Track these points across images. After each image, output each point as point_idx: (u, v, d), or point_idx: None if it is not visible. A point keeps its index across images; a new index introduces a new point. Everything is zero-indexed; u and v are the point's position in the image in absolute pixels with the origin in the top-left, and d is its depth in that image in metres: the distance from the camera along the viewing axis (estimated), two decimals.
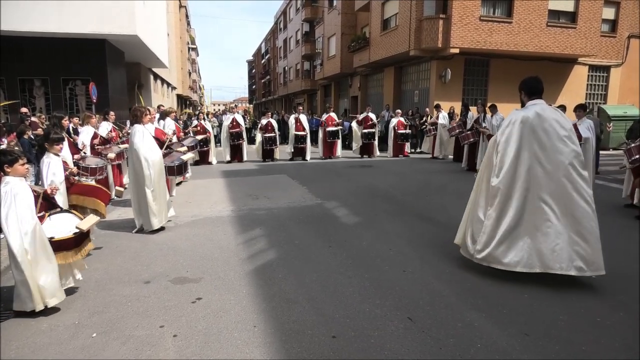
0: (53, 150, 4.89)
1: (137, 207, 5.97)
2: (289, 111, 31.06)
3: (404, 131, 15.24)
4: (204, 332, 3.28)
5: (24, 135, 8.14)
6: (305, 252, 5.11)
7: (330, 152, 14.90)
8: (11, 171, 3.61)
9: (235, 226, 6.28)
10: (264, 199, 8.15)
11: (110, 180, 8.30)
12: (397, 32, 19.19)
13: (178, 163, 6.73)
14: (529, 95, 4.25)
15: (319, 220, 6.54)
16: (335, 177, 10.74)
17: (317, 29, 32.38)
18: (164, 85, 30.57)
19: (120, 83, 17.07)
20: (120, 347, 3.09)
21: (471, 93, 18.78)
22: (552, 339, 3.11)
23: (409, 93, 20.87)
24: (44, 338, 3.24)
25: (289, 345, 3.06)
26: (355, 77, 26.61)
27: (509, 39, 17.34)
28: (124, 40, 15.10)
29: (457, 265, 4.49)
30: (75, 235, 3.94)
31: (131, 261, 4.87)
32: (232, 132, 13.96)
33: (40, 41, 13.53)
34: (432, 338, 3.12)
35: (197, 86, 64.99)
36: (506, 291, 3.89)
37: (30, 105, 14.02)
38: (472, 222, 4.38)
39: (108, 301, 3.84)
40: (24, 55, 13.79)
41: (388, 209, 7.25)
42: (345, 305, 3.67)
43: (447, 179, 10.42)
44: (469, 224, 4.43)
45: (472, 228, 4.37)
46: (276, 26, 50.80)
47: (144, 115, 6.06)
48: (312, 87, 36.19)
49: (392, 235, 5.71)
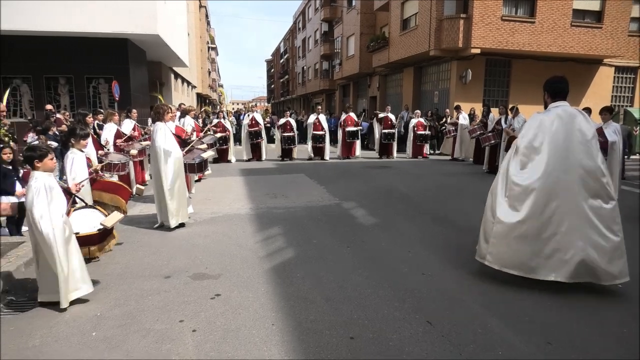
0: (78, 145, 4.99)
1: (158, 203, 6.05)
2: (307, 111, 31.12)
3: (423, 132, 15.12)
4: (222, 328, 3.30)
5: (48, 131, 8.34)
6: (323, 251, 5.11)
7: (348, 152, 14.87)
8: (41, 166, 3.69)
9: (254, 224, 6.31)
10: (282, 197, 8.18)
11: (132, 176, 8.45)
12: (417, 32, 19.04)
13: (198, 161, 6.79)
14: (552, 96, 4.14)
15: (336, 220, 6.53)
16: (353, 178, 10.71)
17: (336, 28, 32.34)
18: (184, 84, 30.96)
19: (141, 81, 17.34)
20: (140, 340, 3.13)
21: (492, 94, 18.52)
22: (576, 348, 3.03)
23: (429, 94, 20.69)
24: (66, 328, 3.31)
25: (307, 345, 3.06)
26: (374, 77, 26.50)
27: (532, 39, 17.03)
28: (146, 40, 15.34)
29: (478, 269, 4.41)
30: (99, 231, 4.02)
31: (152, 256, 4.93)
32: (251, 130, 14.05)
33: (65, 40, 13.84)
34: (451, 343, 3.08)
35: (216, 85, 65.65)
36: (528, 298, 3.81)
37: (55, 102, 14.34)
38: (484, 223, 4.28)
39: (129, 294, 3.90)
40: (49, 54, 14.11)
41: (406, 210, 7.19)
42: (364, 307, 3.65)
43: (467, 181, 10.29)
44: (483, 222, 4.32)
45: (484, 228, 4.26)
46: (295, 26, 50.93)
47: (166, 113, 6.14)
48: (330, 87, 36.17)
49: (410, 238, 5.66)
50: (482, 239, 4.29)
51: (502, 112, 11.61)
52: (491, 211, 4.20)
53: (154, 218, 6.28)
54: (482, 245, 4.30)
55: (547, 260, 3.84)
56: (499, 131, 11.32)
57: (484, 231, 4.30)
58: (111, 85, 13.87)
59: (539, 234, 3.86)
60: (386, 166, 12.95)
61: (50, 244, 3.51)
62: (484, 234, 4.27)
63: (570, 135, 3.85)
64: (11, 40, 13.49)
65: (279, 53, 67.12)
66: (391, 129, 14.92)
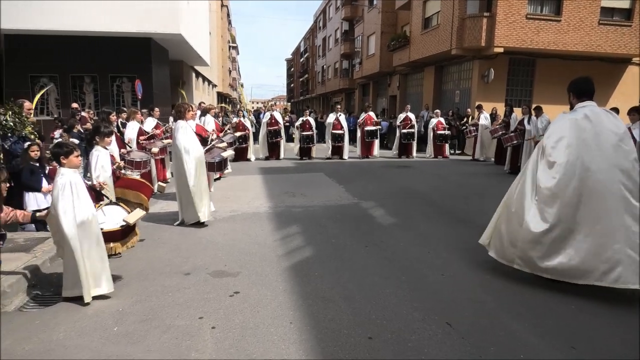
0: (103, 143, 5.09)
1: (179, 200, 6.14)
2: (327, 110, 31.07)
3: (443, 132, 14.96)
4: (241, 325, 3.32)
5: (73, 129, 8.53)
6: (341, 251, 5.10)
7: (368, 152, 14.82)
8: (66, 162, 3.78)
9: (273, 222, 6.34)
10: (300, 196, 8.19)
11: (154, 174, 8.59)
12: (439, 30, 18.82)
13: (218, 159, 6.86)
14: (578, 96, 4.04)
15: (355, 220, 6.50)
16: (372, 177, 10.66)
17: (357, 27, 32.22)
18: (204, 83, 31.31)
19: (164, 80, 17.60)
20: (160, 335, 3.18)
21: (515, 94, 18.16)
22: (602, 354, 2.95)
23: (450, 93, 20.44)
24: (89, 323, 3.38)
25: (325, 344, 3.05)
26: (394, 76, 26.31)
27: (557, 38, 16.63)
28: (168, 39, 15.56)
29: (498, 271, 4.33)
30: (122, 227, 4.10)
31: (172, 253, 5.00)
32: (270, 129, 14.12)
33: (90, 40, 14.15)
34: (472, 345, 3.03)
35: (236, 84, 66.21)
36: (551, 301, 3.73)
37: (80, 101, 14.68)
38: (509, 225, 4.17)
39: (150, 291, 3.96)
40: (75, 53, 14.44)
41: (426, 211, 7.12)
42: (382, 307, 3.62)
43: (487, 182, 10.13)
44: (506, 226, 4.21)
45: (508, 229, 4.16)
46: (315, 25, 50.95)
47: (187, 112, 6.21)
48: (350, 86, 36.08)
49: (429, 238, 5.60)
50: (507, 242, 4.16)
51: (526, 112, 11.39)
52: (516, 213, 4.08)
53: (174, 215, 6.37)
54: (507, 247, 4.18)
55: (582, 264, 3.71)
56: (522, 131, 11.12)
57: (508, 233, 4.17)
58: (134, 84, 14.12)
59: (571, 237, 3.74)
60: (406, 166, 12.85)
61: (72, 240, 3.59)
62: (509, 237, 4.14)
63: (600, 135, 3.73)
64: (38, 40, 13.87)
65: (299, 52, 67.32)
66: (411, 129, 14.80)
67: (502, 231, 4.27)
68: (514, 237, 4.10)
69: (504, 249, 4.24)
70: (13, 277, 3.99)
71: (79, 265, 3.61)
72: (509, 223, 4.20)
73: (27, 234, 5.49)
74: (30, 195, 5.52)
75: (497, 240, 4.35)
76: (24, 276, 4.07)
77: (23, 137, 5.83)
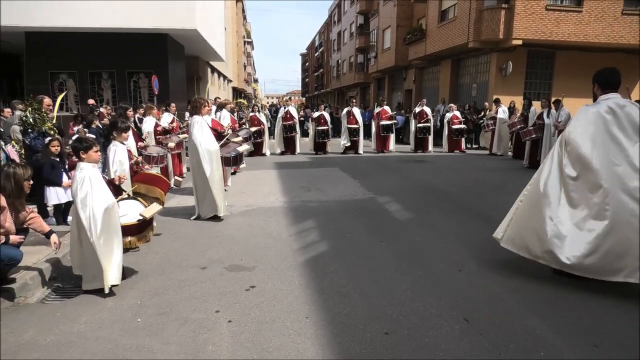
0: (120, 138, 5.15)
1: (196, 195, 6.18)
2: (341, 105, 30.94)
3: (459, 126, 14.78)
4: (257, 319, 3.33)
5: (91, 124, 8.65)
6: (357, 245, 5.08)
7: (383, 146, 14.73)
8: (86, 157, 3.84)
9: (288, 217, 6.35)
10: (315, 191, 8.18)
11: (170, 168, 8.67)
12: (456, 23, 18.54)
13: (234, 154, 6.88)
14: (602, 88, 3.92)
15: (370, 215, 6.47)
16: (387, 172, 10.59)
17: (372, 21, 31.96)
18: (220, 78, 31.46)
19: (180, 76, 17.74)
20: (178, 328, 3.21)
21: (534, 87, 17.83)
22: (626, 353, 2.87)
23: (466, 87, 20.16)
24: (109, 315, 3.43)
25: (341, 339, 3.04)
26: (409, 70, 26.06)
27: (578, 30, 16.23)
28: (184, 35, 15.65)
29: (516, 267, 4.26)
30: (139, 222, 4.14)
31: (188, 247, 5.05)
32: (285, 124, 14.12)
33: (108, 36, 14.31)
34: (490, 342, 2.98)
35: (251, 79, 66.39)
36: (572, 298, 3.65)
37: (98, 96, 14.90)
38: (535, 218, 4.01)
39: (167, 284, 4.00)
40: (93, 50, 14.63)
41: (442, 205, 7.05)
42: (398, 302, 3.60)
43: (505, 176, 9.97)
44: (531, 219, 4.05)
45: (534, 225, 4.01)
46: (330, 19, 50.73)
47: (203, 107, 6.24)
48: (365, 80, 35.87)
49: (446, 233, 5.54)
50: (533, 236, 3.98)
51: (545, 106, 11.15)
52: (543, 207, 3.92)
53: (191, 210, 6.43)
54: (532, 242, 3.99)
55: (617, 259, 3.57)
56: (541, 125, 10.90)
57: (534, 227, 3.98)
58: (151, 80, 14.26)
59: (600, 233, 3.63)
60: (421, 160, 12.74)
61: (91, 232, 3.65)
62: (536, 231, 3.95)
63: (626, 126, 3.62)
64: (58, 37, 14.09)
65: (313, 46, 67.14)
66: (426, 123, 14.65)
67: (525, 224, 4.11)
68: (541, 232, 3.91)
69: (527, 242, 4.06)
70: (35, 269, 4.08)
71: (99, 256, 3.67)
72: (534, 216, 4.02)
73: None
74: (51, 189, 5.63)
75: (517, 233, 4.18)
76: (45, 269, 4.16)
77: (43, 133, 5.94)
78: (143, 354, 2.89)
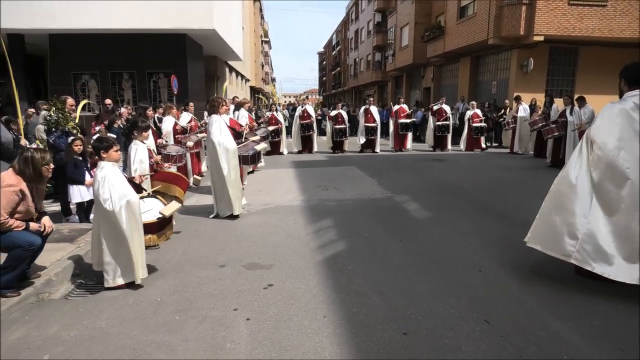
0: (140, 137, 5.23)
1: (214, 193, 6.24)
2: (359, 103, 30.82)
3: (479, 124, 14.57)
4: (275, 317, 3.34)
5: (114, 124, 8.80)
6: (375, 245, 5.05)
7: (401, 145, 14.62)
8: (107, 156, 3.91)
9: (305, 216, 6.35)
10: (333, 190, 8.17)
11: (189, 167, 8.76)
12: (475, 19, 18.27)
13: (252, 153, 6.91)
14: (629, 84, 3.78)
15: (388, 214, 6.43)
16: (405, 171, 10.51)
17: (390, 19, 31.74)
18: (238, 78, 31.68)
19: (198, 75, 17.91)
20: (197, 325, 3.24)
21: (556, 84, 17.44)
22: None
23: (486, 84, 19.85)
24: (130, 312, 3.49)
25: (359, 339, 3.03)
26: (428, 67, 25.79)
27: (603, 25, 15.82)
28: (203, 35, 15.79)
29: (537, 268, 4.18)
30: (158, 220, 4.20)
31: (207, 245, 5.09)
32: (302, 123, 14.14)
33: (129, 37, 14.53)
34: (511, 344, 2.93)
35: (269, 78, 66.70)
36: (596, 301, 3.55)
37: (119, 97, 15.16)
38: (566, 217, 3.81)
39: (186, 282, 4.05)
40: (114, 51, 14.88)
41: (461, 205, 6.95)
42: (417, 302, 3.56)
43: (526, 175, 9.79)
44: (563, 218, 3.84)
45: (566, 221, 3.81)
46: (348, 17, 50.57)
47: (221, 106, 6.28)
48: (382, 78, 35.66)
49: (465, 233, 5.46)
50: (565, 235, 3.79)
51: (568, 103, 10.89)
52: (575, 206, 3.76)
53: (209, 208, 6.48)
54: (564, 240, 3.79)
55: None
56: (564, 123, 10.66)
57: (567, 224, 3.78)
58: (170, 80, 14.43)
59: (630, 234, 3.50)
60: (440, 159, 12.60)
61: (114, 226, 3.73)
62: (568, 230, 3.77)
63: None
64: (80, 39, 14.37)
65: (331, 45, 67.07)
66: (445, 121, 14.49)
67: (555, 223, 3.90)
68: (573, 230, 3.75)
69: (557, 241, 3.86)
70: (59, 266, 4.17)
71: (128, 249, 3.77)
72: (565, 215, 3.83)
73: (71, 225, 5.73)
74: (74, 188, 5.74)
75: (546, 231, 4.00)
76: (68, 266, 4.25)
77: (66, 132, 6.06)
78: (163, 350, 2.93)
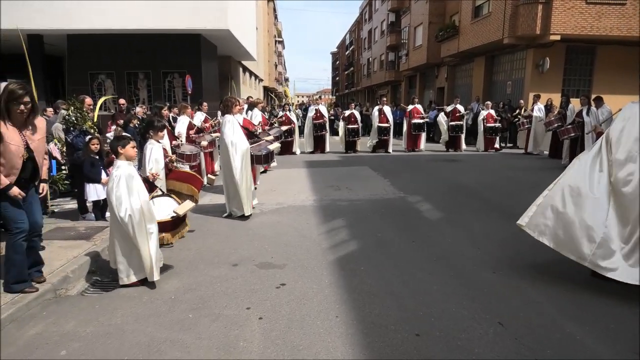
0: (156, 137, 5.29)
1: (227, 193, 6.28)
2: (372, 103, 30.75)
3: (493, 125, 14.43)
4: (287, 317, 3.36)
5: (130, 124, 8.91)
6: (387, 245, 5.03)
7: (414, 145, 14.55)
8: (123, 152, 3.96)
9: (318, 216, 6.36)
10: (345, 190, 8.16)
11: (203, 166, 8.83)
12: (490, 19, 18.10)
13: (265, 152, 6.93)
14: None
15: (401, 214, 6.40)
16: (418, 171, 10.46)
17: (403, 18, 31.58)
18: (251, 78, 31.84)
19: (212, 75, 18.05)
20: (210, 324, 3.27)
21: (572, 84, 17.19)
22: None
23: (501, 84, 19.65)
24: (144, 310, 3.53)
25: (371, 339, 3.02)
26: (442, 67, 25.62)
27: (621, 23, 15.54)
28: (217, 35, 15.92)
29: (551, 269, 4.13)
30: (172, 218, 4.25)
31: (220, 244, 5.13)
32: (315, 123, 14.16)
33: (144, 37, 14.73)
34: (526, 347, 2.90)
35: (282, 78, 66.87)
36: (612, 304, 3.49)
37: (134, 96, 15.36)
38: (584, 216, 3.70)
39: (200, 280, 4.08)
40: (129, 51, 15.09)
41: (475, 206, 6.89)
42: (430, 303, 3.54)
43: (541, 176, 9.64)
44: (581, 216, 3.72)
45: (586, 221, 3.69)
46: (361, 17, 50.46)
47: (234, 106, 6.32)
48: (396, 78, 35.51)
49: (478, 234, 5.42)
50: (584, 238, 3.69)
51: (584, 103, 10.72)
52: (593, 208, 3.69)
53: (223, 207, 6.53)
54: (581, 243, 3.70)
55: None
56: (580, 123, 10.49)
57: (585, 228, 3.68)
58: (185, 79, 14.57)
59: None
60: (454, 159, 12.50)
61: (126, 227, 3.77)
62: (587, 234, 3.67)
63: None
64: (97, 39, 14.61)
65: (344, 45, 66.96)
66: (459, 121, 14.38)
67: (573, 224, 3.77)
68: (591, 234, 3.66)
69: (574, 242, 3.75)
70: (75, 263, 4.25)
71: (140, 247, 3.81)
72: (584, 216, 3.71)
73: (87, 223, 5.83)
74: (90, 186, 5.83)
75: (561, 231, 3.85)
76: (85, 263, 4.32)
77: (84, 131, 6.16)
78: (177, 347, 2.96)
